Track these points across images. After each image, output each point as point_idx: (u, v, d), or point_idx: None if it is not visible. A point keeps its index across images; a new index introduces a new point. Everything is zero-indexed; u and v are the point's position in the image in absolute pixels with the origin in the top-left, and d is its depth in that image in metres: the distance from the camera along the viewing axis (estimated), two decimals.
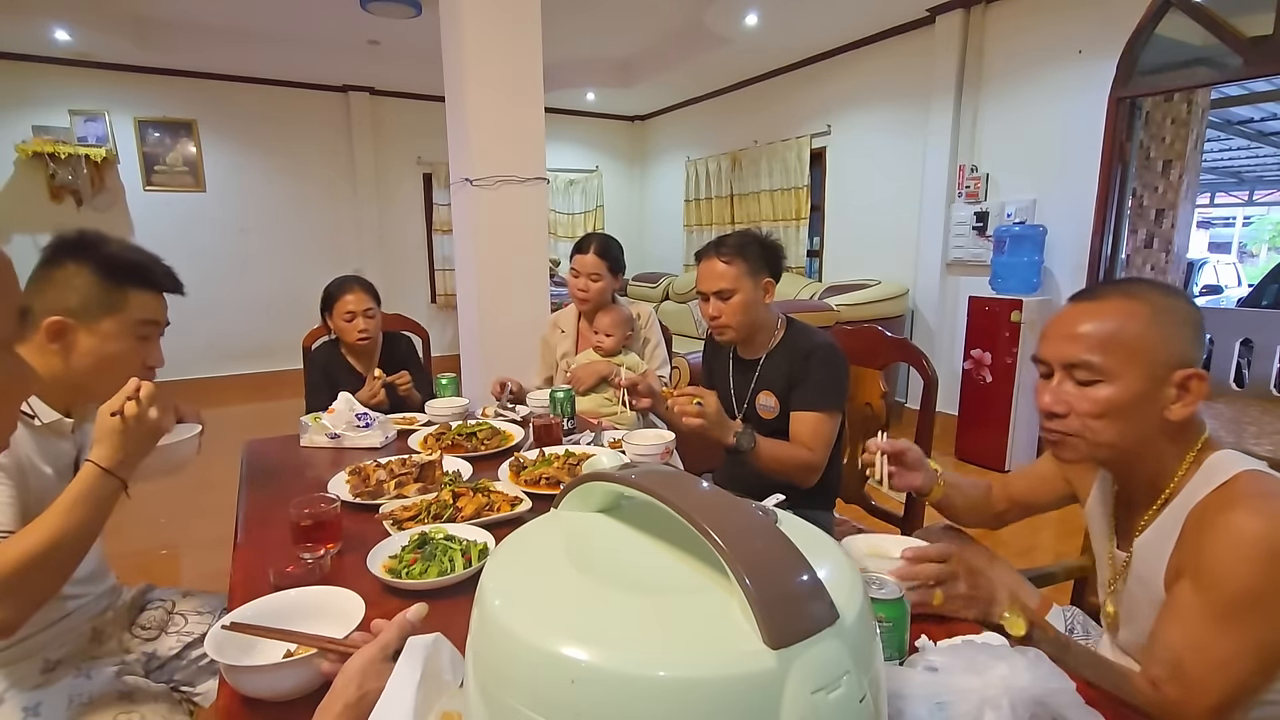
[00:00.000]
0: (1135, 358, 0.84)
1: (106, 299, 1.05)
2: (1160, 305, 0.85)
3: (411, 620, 0.67)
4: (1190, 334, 0.85)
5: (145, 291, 1.10)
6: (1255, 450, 2.62)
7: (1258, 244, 12.89)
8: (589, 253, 2.20)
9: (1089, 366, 0.86)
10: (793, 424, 1.60)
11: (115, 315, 1.06)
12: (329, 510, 1.10)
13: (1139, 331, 0.84)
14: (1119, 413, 0.85)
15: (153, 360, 1.14)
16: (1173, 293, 0.88)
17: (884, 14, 4.15)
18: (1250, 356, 4.39)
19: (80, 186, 4.91)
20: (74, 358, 1.04)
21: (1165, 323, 0.84)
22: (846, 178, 4.93)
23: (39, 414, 1.04)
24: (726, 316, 1.61)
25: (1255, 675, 0.75)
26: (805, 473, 1.57)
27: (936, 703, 0.62)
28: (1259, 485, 0.80)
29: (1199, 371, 0.83)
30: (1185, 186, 4.33)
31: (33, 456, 1.02)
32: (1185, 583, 0.81)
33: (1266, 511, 0.76)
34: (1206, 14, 2.98)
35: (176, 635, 1.29)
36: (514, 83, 2.75)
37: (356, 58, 5.07)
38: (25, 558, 0.88)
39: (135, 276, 1.09)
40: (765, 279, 1.63)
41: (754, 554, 0.45)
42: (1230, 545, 0.76)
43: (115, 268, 1.06)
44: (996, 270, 3.73)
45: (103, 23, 4.27)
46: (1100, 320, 0.86)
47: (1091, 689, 0.77)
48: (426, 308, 6.32)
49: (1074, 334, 0.88)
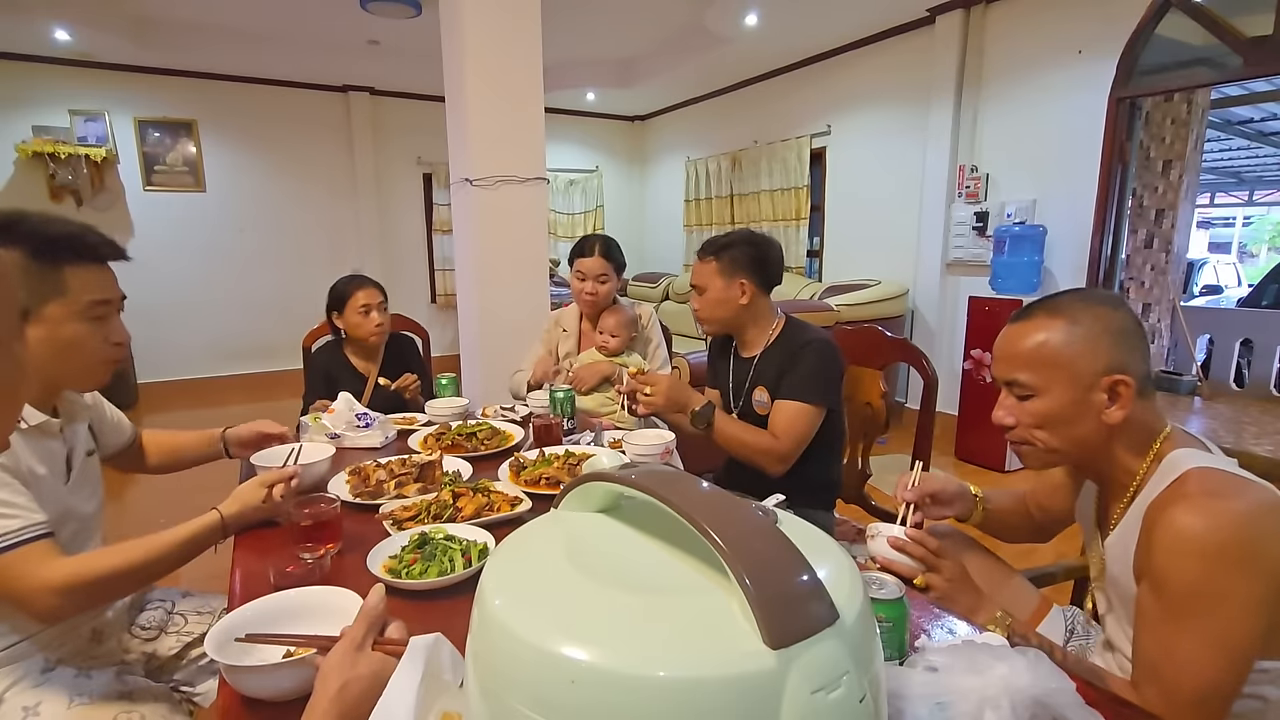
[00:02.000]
0: (1059, 371, 0.90)
1: (44, 283, 0.97)
2: (1079, 318, 0.90)
3: (374, 605, 0.67)
4: (1112, 341, 0.89)
5: (84, 266, 1.02)
6: (1255, 450, 2.64)
7: (1258, 244, 12.89)
8: (594, 255, 2.19)
9: (1020, 383, 0.93)
10: (772, 411, 1.61)
11: (58, 299, 0.98)
12: (329, 510, 1.10)
13: (1059, 346, 0.90)
14: (1055, 422, 0.92)
15: (116, 337, 1.07)
16: (1097, 303, 0.92)
17: (884, 14, 4.15)
18: (1250, 356, 4.39)
19: (80, 186, 4.91)
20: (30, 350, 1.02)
21: (1083, 335, 0.89)
22: (846, 178, 4.93)
23: (25, 416, 1.03)
24: (701, 310, 1.71)
25: (1223, 671, 0.76)
26: (768, 459, 1.56)
27: (936, 703, 0.62)
28: (1205, 483, 0.81)
29: (1124, 378, 0.87)
30: (1185, 186, 4.33)
31: (29, 459, 1.02)
32: (1145, 584, 0.83)
33: (1207, 510, 0.77)
34: (1206, 14, 2.98)
35: (176, 635, 1.29)
36: (514, 83, 2.75)
37: (356, 58, 5.07)
38: (124, 568, 0.95)
39: (68, 251, 1.00)
40: (740, 279, 1.64)
41: (754, 554, 0.45)
42: (1173, 544, 0.78)
43: (44, 245, 0.98)
44: (996, 270, 3.74)
45: (103, 23, 4.27)
46: (1026, 338, 0.93)
47: (1092, 689, 0.77)
48: (426, 308, 6.32)
49: (1007, 353, 0.95)
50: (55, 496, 1.06)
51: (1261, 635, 0.76)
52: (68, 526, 1.09)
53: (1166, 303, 4.61)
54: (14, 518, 0.93)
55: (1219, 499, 0.78)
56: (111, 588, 0.96)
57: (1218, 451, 0.90)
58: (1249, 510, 0.77)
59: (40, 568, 0.91)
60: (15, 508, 0.94)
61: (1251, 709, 0.83)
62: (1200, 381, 4.38)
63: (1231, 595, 0.75)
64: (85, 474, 1.17)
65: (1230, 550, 0.75)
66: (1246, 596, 0.75)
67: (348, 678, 0.61)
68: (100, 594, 0.96)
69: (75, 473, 1.13)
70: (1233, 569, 0.75)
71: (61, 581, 0.91)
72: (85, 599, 0.94)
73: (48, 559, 0.92)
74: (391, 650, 0.64)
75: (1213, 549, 0.75)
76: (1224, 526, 0.76)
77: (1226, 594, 0.75)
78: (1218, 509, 0.77)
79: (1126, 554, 0.89)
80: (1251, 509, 0.77)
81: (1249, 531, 0.75)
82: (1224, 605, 0.75)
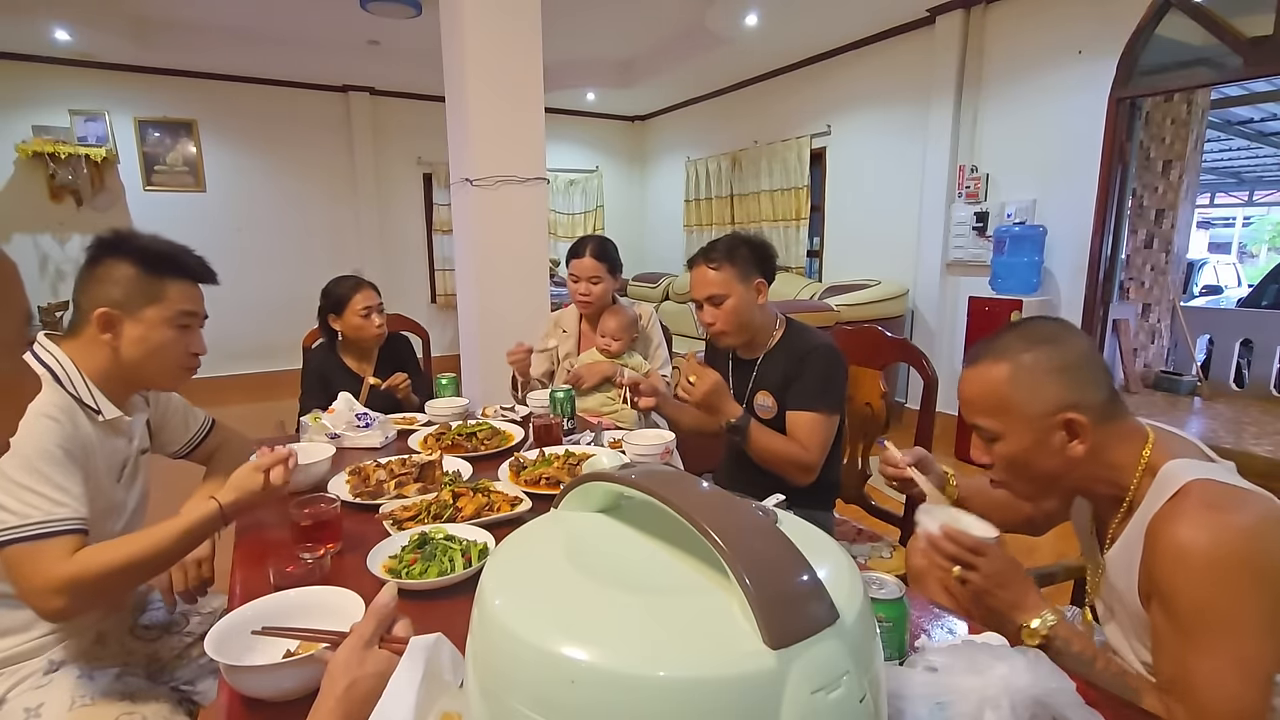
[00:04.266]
0: (1011, 415, 0.90)
1: (147, 289, 1.11)
2: (1022, 361, 0.90)
3: (385, 604, 0.67)
4: (1058, 379, 0.88)
5: (181, 281, 1.15)
6: (1255, 450, 2.64)
7: (1258, 244, 12.89)
8: (586, 256, 2.20)
9: (981, 428, 0.94)
10: (789, 423, 1.60)
11: (156, 304, 1.12)
12: (329, 510, 1.10)
13: (1007, 393, 0.90)
14: (1022, 463, 0.92)
15: (196, 348, 1.19)
16: (1038, 341, 0.90)
17: (884, 14, 4.15)
18: (1250, 356, 4.39)
19: (80, 186, 4.90)
20: (123, 347, 1.10)
21: (1027, 379, 0.89)
22: (846, 178, 4.93)
23: (103, 409, 1.09)
24: (721, 322, 1.62)
25: (1247, 690, 0.73)
26: (798, 470, 1.56)
27: (936, 703, 0.62)
28: (1206, 496, 0.79)
29: (1075, 417, 0.86)
30: (1185, 187, 4.33)
31: (98, 450, 1.07)
32: (1155, 604, 0.82)
33: (1209, 524, 0.76)
34: (1206, 14, 2.98)
35: (178, 636, 1.30)
36: (514, 83, 2.75)
37: (356, 58, 5.07)
38: (125, 563, 0.96)
39: (170, 265, 1.14)
40: (757, 280, 1.62)
41: (754, 554, 0.45)
42: (1178, 562, 0.77)
43: (151, 258, 1.12)
44: (996, 270, 3.73)
45: (103, 23, 4.27)
46: (976, 384, 0.94)
47: (1092, 689, 0.77)
48: (426, 308, 6.32)
49: (965, 399, 0.96)
50: (108, 492, 1.11)
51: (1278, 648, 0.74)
52: (109, 522, 1.12)
53: (1166, 303, 4.61)
54: (63, 505, 0.95)
55: (1222, 513, 0.77)
56: (113, 584, 0.96)
57: (1210, 453, 0.89)
58: (1253, 524, 0.75)
59: (54, 564, 0.92)
60: (68, 495, 0.97)
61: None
62: (1200, 382, 4.38)
63: (1245, 613, 0.73)
64: (135, 471, 1.21)
65: (1236, 566, 0.74)
66: (1257, 610, 0.73)
67: (355, 676, 0.61)
68: (103, 590, 0.96)
69: (128, 470, 1.18)
70: (1241, 585, 0.74)
71: (64, 580, 0.91)
72: (89, 596, 0.94)
73: (64, 556, 0.93)
74: (397, 649, 0.64)
75: (1219, 565, 0.74)
76: (1228, 541, 0.74)
77: (1239, 612, 0.74)
78: (1221, 523, 0.76)
79: (1130, 570, 0.87)
80: (1255, 522, 0.76)
81: (1254, 545, 0.74)
82: (1237, 622, 0.74)
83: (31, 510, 0.92)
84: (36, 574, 0.91)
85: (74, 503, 0.97)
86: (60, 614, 0.93)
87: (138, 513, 1.24)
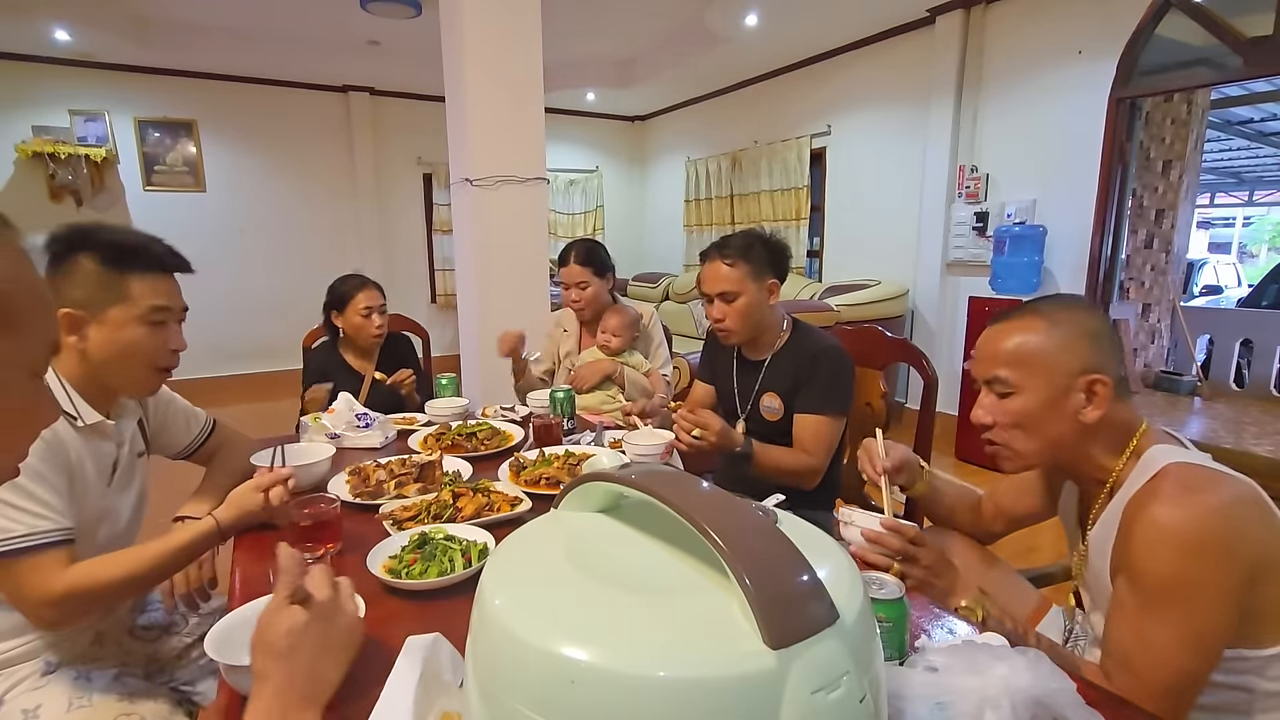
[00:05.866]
0: (1038, 369, 0.93)
1: (110, 286, 1.05)
2: (1058, 319, 0.94)
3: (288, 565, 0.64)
4: (1090, 343, 0.92)
5: (148, 275, 1.09)
6: (1255, 450, 2.64)
7: (1258, 244, 12.89)
8: (569, 263, 2.23)
9: (1001, 380, 0.96)
10: (796, 426, 1.60)
11: (121, 303, 1.06)
12: (329, 510, 1.10)
13: (1038, 345, 0.93)
14: (1033, 420, 0.94)
15: (174, 344, 1.13)
16: (1076, 307, 0.96)
17: (884, 14, 4.15)
18: (1250, 356, 4.38)
19: (80, 186, 4.90)
20: (91, 349, 1.05)
21: (1061, 335, 0.92)
22: (847, 178, 4.93)
23: (82, 415, 1.06)
24: (730, 320, 1.60)
25: (1194, 661, 0.78)
26: (804, 477, 1.57)
27: (936, 703, 0.62)
28: (1183, 478, 0.83)
29: (1101, 377, 0.89)
30: (1185, 187, 4.33)
31: (81, 457, 1.05)
32: (1122, 576, 0.85)
33: (1185, 504, 0.79)
34: (1206, 14, 2.98)
35: (177, 637, 1.29)
36: (514, 83, 2.75)
37: (356, 58, 5.07)
38: (122, 579, 0.96)
39: (134, 259, 1.08)
40: (770, 280, 1.61)
41: (754, 554, 0.45)
42: (1151, 538, 0.80)
43: (113, 253, 1.06)
44: (996, 270, 3.73)
45: (103, 23, 4.27)
46: (1007, 338, 0.96)
47: (1093, 689, 0.77)
48: (426, 308, 6.32)
49: (988, 352, 0.98)
50: (97, 497, 1.08)
51: (1234, 625, 0.78)
52: (103, 527, 1.11)
53: (1166, 303, 4.60)
54: (45, 518, 0.94)
55: (1196, 493, 0.80)
56: (109, 598, 0.97)
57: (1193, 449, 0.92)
58: (1225, 503, 0.79)
59: (48, 578, 0.91)
60: (49, 508, 0.95)
61: (1238, 700, 0.84)
62: (1200, 382, 4.38)
63: (1207, 586, 0.77)
64: (129, 475, 1.19)
65: (1207, 542, 0.77)
66: (1220, 587, 0.77)
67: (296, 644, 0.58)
68: (98, 604, 0.97)
69: (119, 474, 1.15)
70: (1209, 561, 0.77)
71: (60, 594, 0.91)
72: (82, 609, 0.95)
73: (56, 569, 0.93)
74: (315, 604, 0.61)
75: (1190, 541, 0.77)
76: (1200, 519, 0.78)
77: (1202, 585, 0.77)
78: (1195, 502, 0.79)
79: (1106, 548, 0.91)
80: (1227, 502, 0.79)
81: (1225, 524, 0.78)
82: (1199, 597, 0.77)
83: (14, 525, 0.92)
84: (27, 587, 0.91)
85: (56, 515, 0.95)
86: (53, 625, 0.94)
87: (134, 517, 1.22)
